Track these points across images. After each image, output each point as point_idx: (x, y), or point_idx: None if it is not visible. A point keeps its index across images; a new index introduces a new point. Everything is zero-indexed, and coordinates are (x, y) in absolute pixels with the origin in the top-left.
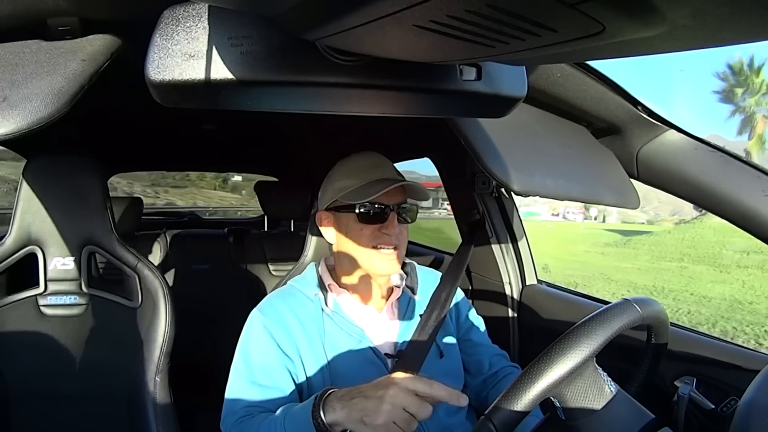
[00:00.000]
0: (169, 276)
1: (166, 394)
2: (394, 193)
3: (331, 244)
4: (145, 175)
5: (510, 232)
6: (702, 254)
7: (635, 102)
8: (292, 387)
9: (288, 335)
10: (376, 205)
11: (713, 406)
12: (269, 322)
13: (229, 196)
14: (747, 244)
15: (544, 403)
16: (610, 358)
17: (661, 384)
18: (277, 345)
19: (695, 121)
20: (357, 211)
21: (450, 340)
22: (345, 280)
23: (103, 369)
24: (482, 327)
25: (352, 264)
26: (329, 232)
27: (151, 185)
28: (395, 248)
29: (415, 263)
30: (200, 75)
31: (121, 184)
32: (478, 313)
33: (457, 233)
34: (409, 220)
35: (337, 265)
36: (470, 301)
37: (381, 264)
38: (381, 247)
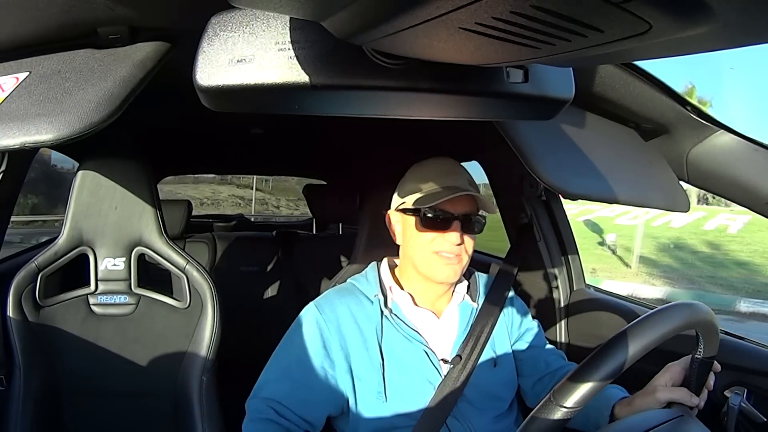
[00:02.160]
0: (218, 278)
1: (213, 394)
2: (462, 203)
3: (398, 246)
4: (297, 189)
5: (558, 236)
6: None
7: (684, 102)
8: (323, 388)
9: (340, 335)
10: (441, 212)
11: (765, 419)
12: (323, 320)
13: None
14: None
15: None
16: (655, 364)
17: (710, 394)
18: (323, 344)
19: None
20: (421, 215)
21: (504, 349)
22: (407, 282)
23: (151, 367)
24: (538, 330)
25: (414, 267)
26: (397, 233)
27: (297, 200)
28: (457, 256)
29: (475, 270)
30: (248, 80)
31: (280, 203)
32: None
33: None
34: (474, 232)
35: (400, 267)
36: (525, 305)
37: (440, 270)
38: (442, 254)
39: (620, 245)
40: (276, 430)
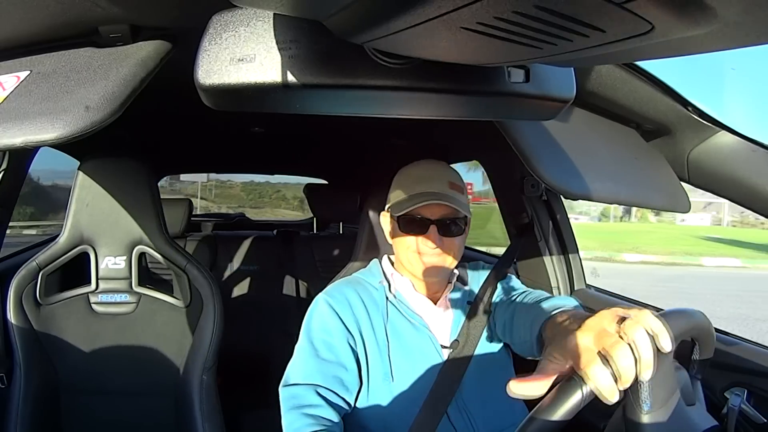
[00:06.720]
0: (218, 276)
1: (213, 392)
2: (438, 207)
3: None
4: (241, 196)
5: (559, 236)
6: None
7: (685, 102)
8: (353, 363)
9: (352, 315)
10: (417, 218)
11: (765, 420)
12: (334, 303)
13: None
14: None
15: None
16: None
17: (710, 395)
18: (341, 321)
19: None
20: (397, 220)
21: (496, 326)
22: (404, 273)
23: (151, 366)
24: (512, 283)
25: (402, 264)
26: (386, 233)
27: (237, 207)
28: (438, 257)
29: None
30: (249, 79)
31: (221, 210)
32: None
33: None
34: (452, 234)
35: (396, 262)
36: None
37: (421, 269)
38: (423, 256)
39: None
40: (316, 418)
